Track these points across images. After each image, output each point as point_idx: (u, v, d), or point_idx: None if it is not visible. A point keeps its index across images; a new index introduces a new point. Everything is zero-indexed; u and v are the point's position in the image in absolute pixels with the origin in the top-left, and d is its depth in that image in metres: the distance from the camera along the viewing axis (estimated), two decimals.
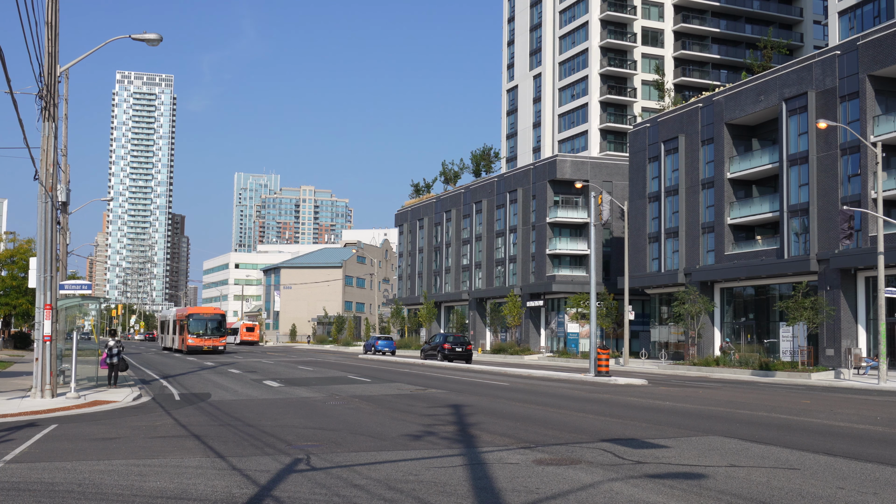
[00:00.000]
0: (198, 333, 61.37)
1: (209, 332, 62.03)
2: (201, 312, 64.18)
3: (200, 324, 62.11)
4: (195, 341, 61.04)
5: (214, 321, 63.06)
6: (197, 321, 62.13)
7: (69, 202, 33.91)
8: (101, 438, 14.82)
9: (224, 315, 65.09)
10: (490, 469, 11.30)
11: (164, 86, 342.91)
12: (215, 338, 62.10)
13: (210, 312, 64.44)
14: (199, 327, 61.87)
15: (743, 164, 51.22)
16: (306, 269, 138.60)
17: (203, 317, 63.08)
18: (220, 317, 64.01)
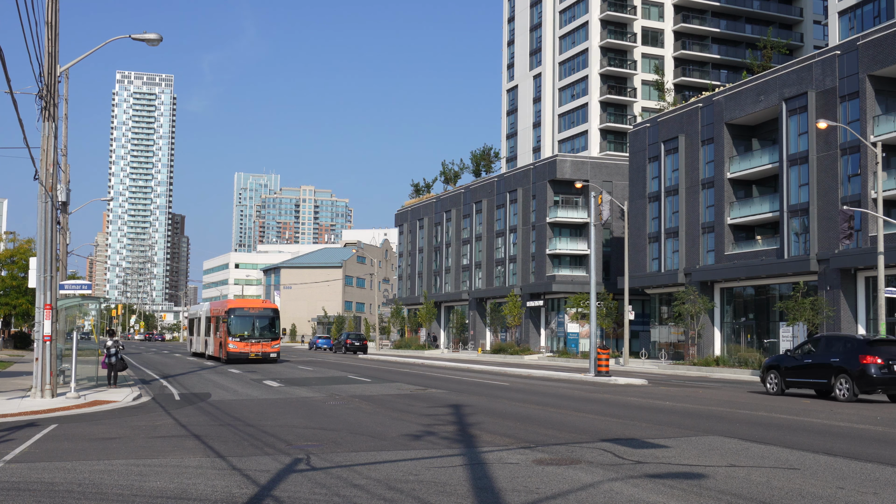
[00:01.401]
0: (241, 335, 44.96)
1: (257, 333, 45.60)
2: (246, 307, 47.29)
3: (245, 322, 45.69)
4: (238, 346, 44.72)
5: (265, 318, 46.30)
6: (240, 319, 45.59)
7: (69, 202, 33.92)
8: (101, 438, 14.82)
9: (277, 311, 47.52)
10: (490, 469, 11.30)
11: (164, 86, 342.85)
12: (266, 341, 45.49)
13: (258, 307, 47.76)
14: (244, 326, 45.54)
15: (743, 164, 51.22)
16: (306, 269, 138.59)
17: (248, 313, 46.30)
18: (271, 312, 46.94)
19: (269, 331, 46.06)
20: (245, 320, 45.65)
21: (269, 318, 46.38)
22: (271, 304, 48.70)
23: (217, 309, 49.30)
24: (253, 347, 44.92)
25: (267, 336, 45.82)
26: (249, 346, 44.81)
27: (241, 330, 45.20)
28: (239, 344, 44.62)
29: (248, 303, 48.73)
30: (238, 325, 45.25)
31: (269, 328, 46.17)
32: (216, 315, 48.78)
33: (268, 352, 45.38)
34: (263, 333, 45.78)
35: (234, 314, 45.42)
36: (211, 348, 49.90)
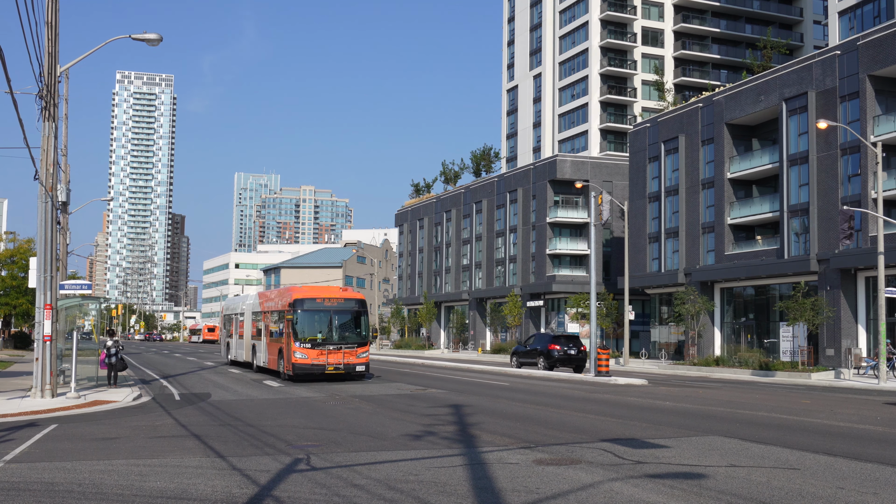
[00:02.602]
0: (314, 340, 29.93)
1: (336, 335, 30.44)
2: (320, 296, 31.06)
3: (319, 320, 30.51)
4: (309, 356, 29.74)
5: (347, 314, 30.95)
6: (312, 316, 30.43)
7: (69, 202, 33.91)
8: (101, 438, 14.82)
9: (364, 302, 31.66)
10: (490, 469, 11.30)
11: (165, 86, 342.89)
12: (349, 347, 30.36)
13: (337, 296, 31.31)
14: (318, 326, 30.37)
15: (743, 164, 51.21)
16: (306, 269, 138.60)
17: (324, 306, 30.66)
18: (356, 305, 31.21)
19: (353, 332, 30.64)
20: (319, 317, 30.34)
21: (353, 314, 30.81)
22: (354, 293, 31.77)
23: (273, 300, 34.04)
24: (331, 357, 29.56)
25: (351, 340, 30.32)
26: (326, 355, 29.54)
27: (314, 331, 29.92)
28: (311, 352, 29.45)
29: (321, 291, 31.85)
30: (309, 325, 30.03)
31: (354, 328, 30.71)
32: (272, 309, 33.52)
33: (352, 363, 29.88)
34: (346, 336, 30.41)
35: (302, 308, 29.98)
36: (262, 357, 34.91)
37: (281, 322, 31.84)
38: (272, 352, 33.24)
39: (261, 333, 35.55)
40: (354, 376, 30.57)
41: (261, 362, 35.38)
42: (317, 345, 29.61)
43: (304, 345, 29.49)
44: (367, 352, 30.76)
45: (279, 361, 31.60)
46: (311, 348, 29.50)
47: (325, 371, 29.53)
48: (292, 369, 29.54)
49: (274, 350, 32.77)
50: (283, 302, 31.60)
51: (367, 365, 30.75)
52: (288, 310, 30.47)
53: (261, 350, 35.46)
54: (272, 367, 33.20)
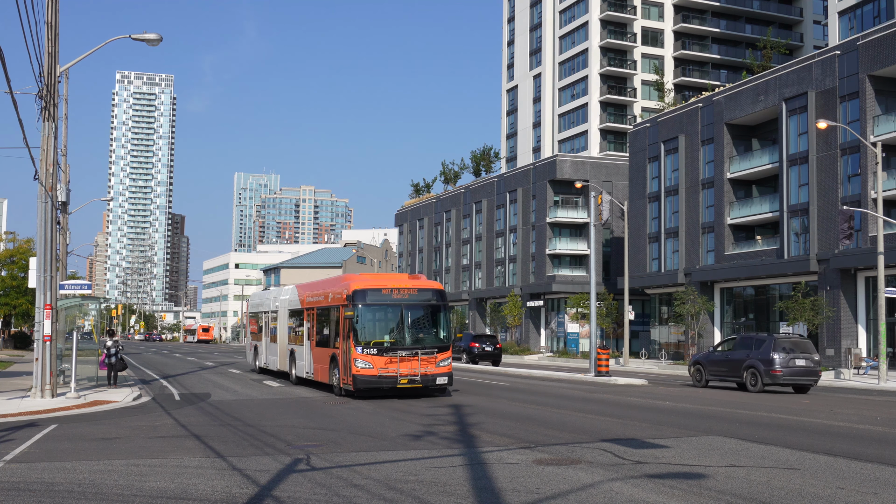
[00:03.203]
0: (381, 345, 23.10)
1: (408, 337, 23.53)
2: (386, 286, 23.90)
3: (388, 316, 23.92)
4: (375, 364, 22.79)
5: (420, 308, 24.16)
6: (378, 312, 23.87)
7: (69, 202, 33.91)
8: (101, 438, 14.82)
9: (442, 293, 24.67)
10: (490, 469, 11.30)
11: (164, 86, 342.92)
12: (426, 353, 23.29)
13: (406, 286, 24.13)
14: (385, 325, 23.76)
15: (743, 164, 51.23)
16: (306, 269, 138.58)
17: (392, 298, 23.68)
18: (432, 297, 24.27)
19: (430, 332, 23.73)
20: (387, 314, 23.65)
21: (430, 309, 23.93)
22: (429, 282, 24.74)
23: (320, 293, 26.78)
24: (404, 366, 22.71)
25: (428, 342, 23.37)
26: (397, 363, 22.64)
27: (380, 332, 23.27)
28: (377, 360, 22.59)
29: (387, 279, 24.89)
30: (374, 323, 23.40)
31: (431, 326, 23.85)
32: (320, 304, 26.45)
33: (431, 373, 22.95)
34: (422, 338, 23.47)
35: (364, 301, 23.09)
36: (305, 366, 27.63)
37: (333, 321, 24.57)
38: (320, 359, 25.75)
39: (302, 336, 28.08)
40: (433, 390, 23.48)
41: (303, 372, 27.69)
42: (384, 350, 22.50)
43: (368, 350, 22.41)
44: (449, 358, 23.37)
45: (331, 372, 24.31)
46: (377, 355, 22.39)
47: (396, 384, 22.33)
48: (353, 382, 22.33)
49: (323, 357, 25.39)
50: (337, 295, 24.26)
51: (450, 376, 23.18)
52: (345, 304, 23.12)
53: (302, 357, 27.84)
54: (320, 379, 25.73)
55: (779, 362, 27.23)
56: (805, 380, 27.74)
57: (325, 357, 25.20)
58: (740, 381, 28.51)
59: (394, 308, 23.36)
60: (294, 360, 28.98)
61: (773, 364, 27.24)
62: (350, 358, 22.63)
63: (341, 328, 23.54)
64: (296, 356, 28.76)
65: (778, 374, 27.24)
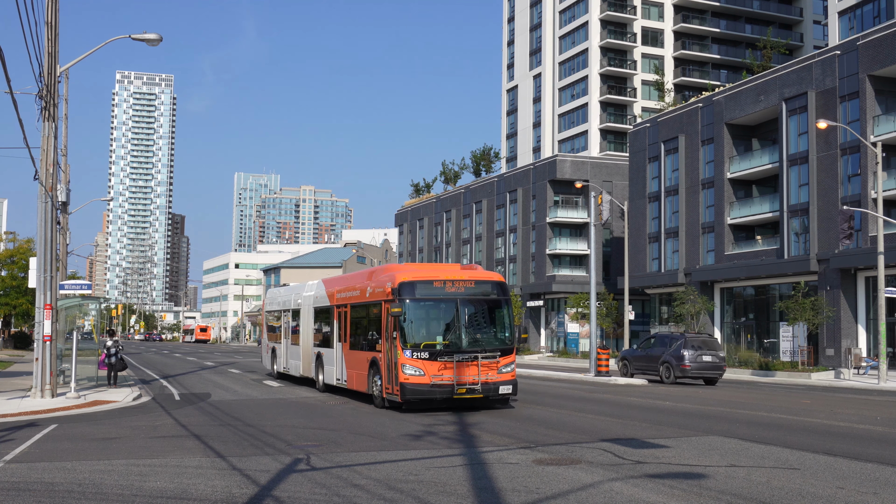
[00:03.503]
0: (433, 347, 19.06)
1: (465, 338, 19.34)
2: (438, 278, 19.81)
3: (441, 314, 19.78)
4: (428, 370, 18.89)
5: (480, 303, 20.08)
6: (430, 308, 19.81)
7: (69, 202, 33.92)
8: (101, 438, 14.82)
9: (503, 285, 20.37)
10: (490, 469, 11.30)
11: (164, 86, 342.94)
12: (487, 356, 19.32)
13: (461, 277, 19.92)
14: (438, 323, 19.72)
15: (743, 164, 51.24)
16: (306, 269, 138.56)
17: (449, 294, 19.52)
18: (492, 290, 20.11)
19: (490, 332, 19.99)
20: (440, 310, 19.84)
21: (490, 304, 20.21)
22: (486, 273, 20.98)
23: (356, 287, 22.97)
24: (461, 372, 19.08)
25: (489, 344, 19.63)
26: (452, 369, 18.98)
27: (433, 332, 19.54)
28: (429, 366, 18.96)
29: (437, 270, 21.16)
30: (425, 322, 19.67)
31: (491, 325, 20.12)
32: (355, 301, 22.64)
33: (493, 381, 19.28)
34: (480, 339, 19.71)
35: (413, 295, 19.39)
36: (336, 371, 24.00)
37: (373, 320, 21.07)
38: (355, 364, 22.15)
39: (331, 337, 24.44)
40: (494, 401, 19.91)
41: (332, 379, 24.14)
42: (438, 354, 18.86)
43: (419, 354, 18.74)
44: (513, 363, 19.78)
45: (371, 379, 20.76)
46: (429, 359, 18.75)
47: (452, 395, 18.75)
48: (400, 392, 18.73)
49: (359, 362, 21.76)
50: (378, 288, 20.69)
51: (515, 384, 19.62)
52: (389, 300, 19.47)
53: (332, 361, 24.23)
54: (355, 387, 22.15)
55: (688, 358, 31.56)
56: (711, 373, 31.90)
57: (361, 362, 21.51)
58: (657, 374, 32.66)
59: (447, 303, 19.49)
60: (321, 365, 25.29)
61: (684, 360, 31.58)
62: (396, 363, 18.92)
63: (384, 328, 19.83)
64: (323, 360, 25.03)
65: (687, 368, 31.47)
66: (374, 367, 20.59)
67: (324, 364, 25.07)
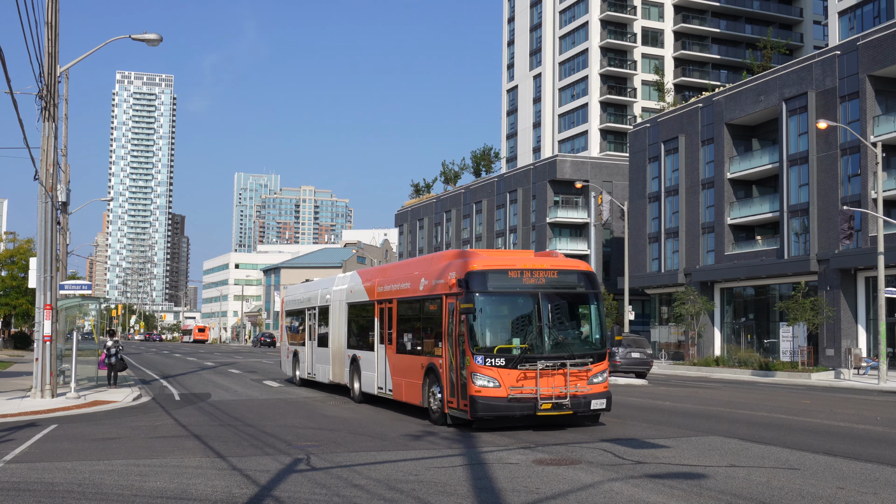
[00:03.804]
0: (508, 352, 15.41)
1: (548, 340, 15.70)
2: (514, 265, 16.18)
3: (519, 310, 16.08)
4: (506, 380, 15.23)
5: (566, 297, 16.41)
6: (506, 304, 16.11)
7: (69, 202, 33.93)
8: (101, 438, 14.83)
9: (591, 276, 16.68)
10: (490, 469, 11.30)
11: (164, 86, 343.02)
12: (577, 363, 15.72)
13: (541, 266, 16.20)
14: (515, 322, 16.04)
15: (743, 164, 51.24)
16: (306, 269, 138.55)
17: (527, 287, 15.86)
18: (577, 281, 16.46)
19: (576, 333, 16.73)
20: (517, 306, 16.29)
21: (577, 299, 16.76)
22: (571, 261, 17.23)
23: (405, 278, 19.56)
24: (546, 382, 15.51)
25: (577, 349, 16.14)
26: (535, 379, 15.42)
27: (509, 334, 16.01)
28: (506, 375, 15.37)
29: (509, 257, 17.68)
30: (500, 321, 16.20)
31: (577, 325, 16.89)
32: (411, 295, 18.91)
33: (584, 393, 15.75)
34: (567, 342, 16.23)
35: (485, 287, 15.86)
36: (378, 380, 20.43)
37: (431, 318, 17.49)
38: (405, 371, 18.57)
39: (371, 339, 20.88)
40: (584, 418, 16.26)
41: (373, 388, 20.54)
42: (517, 360, 15.33)
43: (493, 360, 15.26)
44: (607, 371, 16.31)
45: (427, 390, 17.15)
46: (505, 367, 15.25)
47: (535, 411, 15.19)
48: (471, 407, 15.22)
49: (410, 369, 18.23)
50: (437, 280, 17.20)
51: (609, 397, 16.07)
52: (454, 293, 16.10)
53: (373, 367, 20.56)
54: (405, 399, 18.53)
55: (619, 355, 34.71)
56: (640, 368, 35.43)
57: (413, 369, 17.94)
58: None
59: (526, 298, 15.85)
60: (357, 372, 21.73)
61: (615, 356, 34.20)
62: (465, 371, 15.45)
63: (445, 328, 16.38)
64: (361, 366, 21.50)
65: (618, 364, 34.52)
66: (431, 375, 17.02)
67: (361, 370, 21.44)
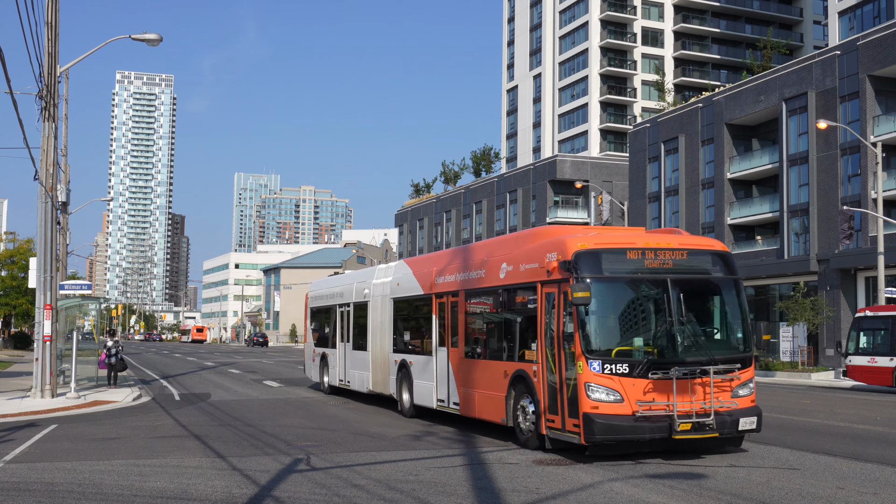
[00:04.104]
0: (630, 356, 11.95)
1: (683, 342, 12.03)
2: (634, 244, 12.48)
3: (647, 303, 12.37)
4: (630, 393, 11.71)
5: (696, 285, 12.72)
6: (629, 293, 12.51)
7: (69, 202, 33.93)
8: (101, 438, 14.83)
9: (730, 257, 13.09)
10: (490, 469, 11.30)
11: (164, 86, 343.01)
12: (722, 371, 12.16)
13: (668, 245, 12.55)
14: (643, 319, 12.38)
15: (743, 164, 51.25)
16: (306, 269, 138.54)
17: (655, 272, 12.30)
18: (717, 264, 12.90)
19: (715, 331, 13.10)
20: (640, 297, 12.43)
21: (712, 286, 12.96)
22: (703, 239, 13.76)
23: (489, 260, 15.24)
24: (683, 396, 11.84)
25: (718, 350, 12.48)
26: (669, 391, 11.78)
27: (632, 333, 12.31)
28: (630, 385, 11.72)
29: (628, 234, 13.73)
30: (622, 317, 12.43)
31: (716, 321, 13.15)
32: (490, 285, 14.93)
33: (729, 409, 12.11)
34: (704, 343, 12.41)
35: (601, 271, 12.19)
36: (441, 389, 16.67)
37: (516, 312, 14.04)
38: (481, 381, 14.91)
39: (426, 340, 17.55)
40: (725, 441, 12.68)
41: (431, 399, 16.88)
42: (646, 367, 11.90)
43: (613, 367, 11.82)
44: (753, 380, 12.81)
45: (517, 405, 13.47)
46: (628, 375, 11.83)
47: (671, 433, 11.75)
48: (585, 428, 11.72)
49: (489, 378, 14.57)
50: (528, 262, 13.58)
51: (759, 414, 12.54)
52: (556, 279, 12.57)
53: (432, 375, 16.94)
54: (480, 415, 14.90)
55: None
56: None
57: (494, 377, 14.27)
58: None
59: (651, 286, 12.29)
60: (408, 380, 18.20)
61: None
62: (573, 381, 11.87)
63: (542, 325, 12.77)
64: (412, 373, 17.98)
65: None
66: (519, 385, 13.39)
67: (413, 378, 17.89)
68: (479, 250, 16.26)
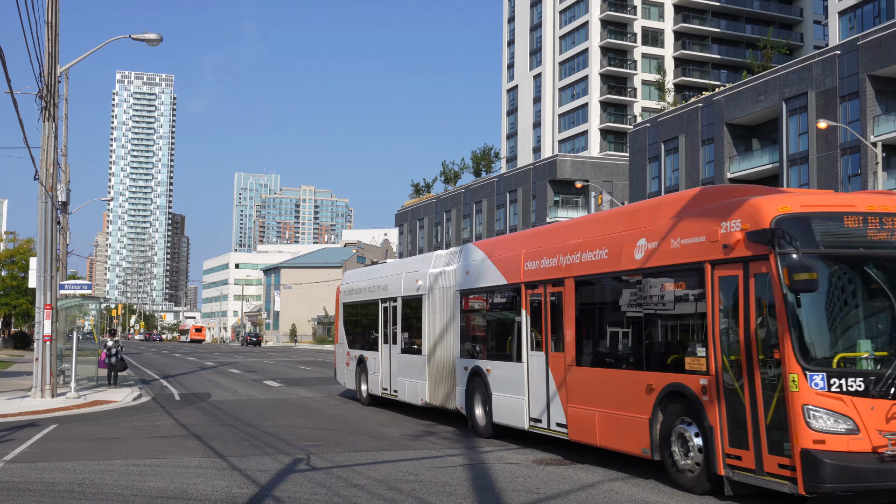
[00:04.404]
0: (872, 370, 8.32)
1: None
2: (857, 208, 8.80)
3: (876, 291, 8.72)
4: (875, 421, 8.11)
5: None
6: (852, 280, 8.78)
7: (69, 202, 33.93)
8: (101, 438, 14.82)
9: None
10: (490, 469, 11.30)
11: (165, 86, 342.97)
12: None
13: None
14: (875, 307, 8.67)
15: (743, 164, 51.26)
16: (306, 269, 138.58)
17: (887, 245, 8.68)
18: None
19: None
20: (869, 283, 8.81)
21: None
22: None
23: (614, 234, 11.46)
24: None
25: None
26: None
27: (857, 333, 8.64)
28: (867, 408, 8.18)
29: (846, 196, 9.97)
30: (836, 305, 8.65)
31: None
32: (628, 268, 10.93)
33: None
34: None
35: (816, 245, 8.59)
36: (536, 405, 13.05)
37: (661, 304, 10.51)
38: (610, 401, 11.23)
39: (510, 343, 14.09)
40: None
41: (523, 420, 13.39)
42: (884, 383, 8.36)
43: (843, 382, 8.30)
44: None
45: (674, 434, 9.93)
46: (863, 394, 8.29)
47: None
48: (805, 471, 8.10)
49: (622, 397, 10.98)
50: (688, 235, 9.89)
51: None
52: (736, 255, 9.09)
53: (524, 389, 13.41)
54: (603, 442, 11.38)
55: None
56: None
57: (626, 393, 10.90)
58: None
59: (882, 266, 8.97)
60: (481, 391, 14.80)
61: None
62: (782, 403, 8.51)
63: (715, 322, 9.46)
64: (490, 384, 14.41)
65: None
66: (673, 404, 10.06)
67: (491, 390, 14.36)
68: (591, 225, 12.64)
